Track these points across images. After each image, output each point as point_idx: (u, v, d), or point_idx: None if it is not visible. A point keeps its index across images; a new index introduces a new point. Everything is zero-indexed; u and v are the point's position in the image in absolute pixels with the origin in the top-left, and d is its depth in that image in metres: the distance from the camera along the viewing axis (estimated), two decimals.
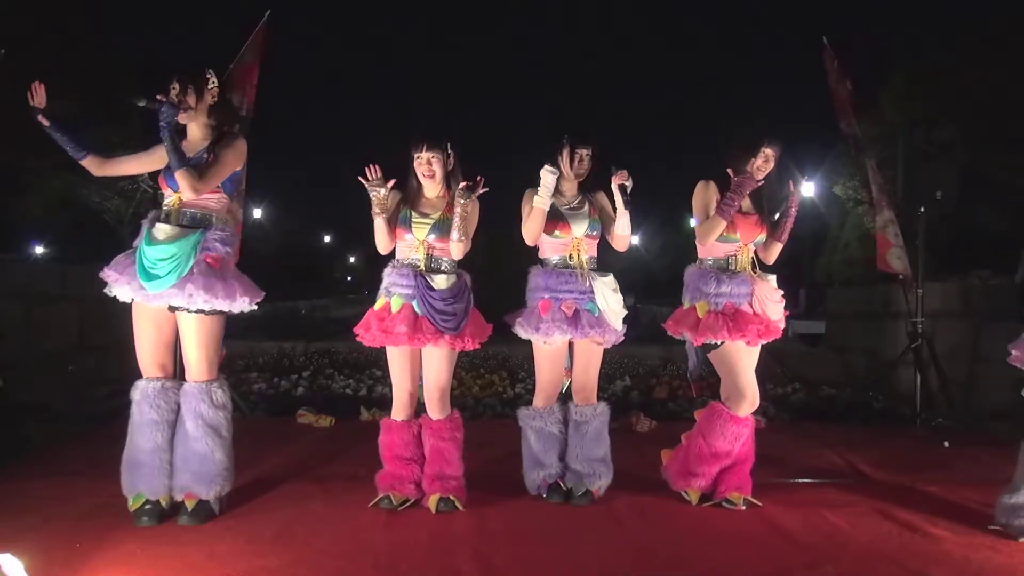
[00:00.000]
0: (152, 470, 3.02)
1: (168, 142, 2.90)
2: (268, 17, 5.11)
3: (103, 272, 3.02)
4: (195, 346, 3.06)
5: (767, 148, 3.27)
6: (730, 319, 3.24)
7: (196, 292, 2.93)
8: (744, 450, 3.34)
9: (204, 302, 2.96)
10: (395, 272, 3.23)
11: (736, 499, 3.27)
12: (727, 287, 3.26)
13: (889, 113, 9.55)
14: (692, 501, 3.34)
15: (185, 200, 3.04)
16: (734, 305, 3.26)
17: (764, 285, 3.29)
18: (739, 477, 3.33)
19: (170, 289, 2.92)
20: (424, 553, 2.75)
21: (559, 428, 3.44)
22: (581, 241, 3.38)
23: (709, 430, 3.31)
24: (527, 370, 6.41)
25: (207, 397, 3.06)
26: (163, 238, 2.97)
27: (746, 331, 3.22)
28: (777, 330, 3.33)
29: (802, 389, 6.21)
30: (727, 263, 3.33)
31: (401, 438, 3.28)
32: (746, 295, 3.27)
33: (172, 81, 3.03)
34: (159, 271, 2.91)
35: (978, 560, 2.76)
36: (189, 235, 3.00)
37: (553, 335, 3.29)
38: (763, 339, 3.30)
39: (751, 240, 3.35)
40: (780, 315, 3.33)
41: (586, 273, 3.35)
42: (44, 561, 2.47)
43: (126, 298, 3.03)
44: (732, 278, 3.28)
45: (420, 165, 3.22)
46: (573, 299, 3.32)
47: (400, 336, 3.11)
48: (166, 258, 2.92)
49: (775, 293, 3.31)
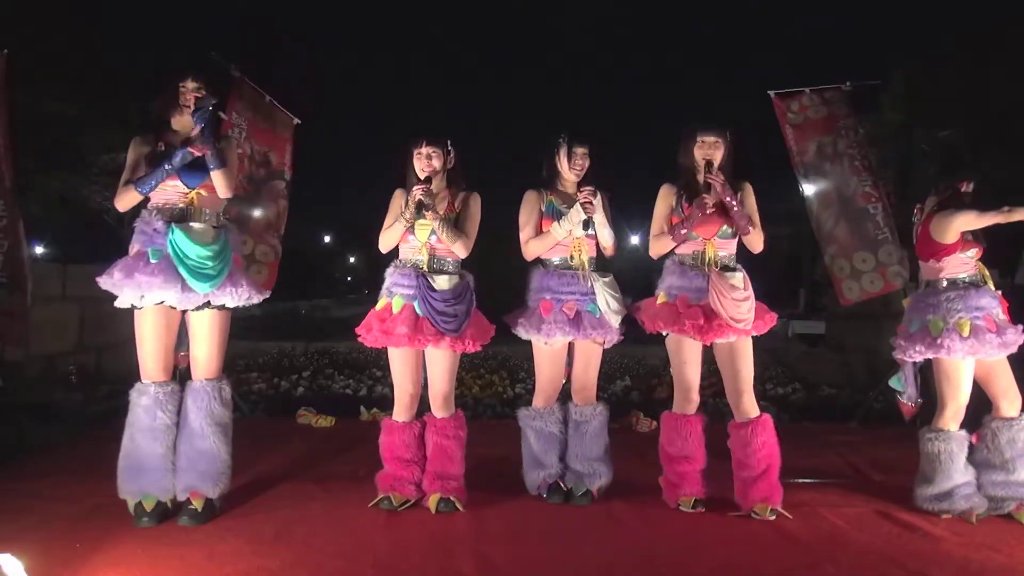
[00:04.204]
0: (162, 473, 3.01)
1: (210, 142, 2.92)
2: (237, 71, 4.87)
3: (113, 283, 2.90)
4: (209, 344, 3.07)
5: (703, 136, 3.26)
6: (676, 312, 3.23)
7: (242, 288, 3.01)
8: (765, 454, 3.22)
9: (247, 297, 3.04)
10: (397, 272, 3.22)
11: (762, 511, 3.15)
12: (681, 281, 3.27)
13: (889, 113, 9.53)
14: (687, 509, 3.28)
15: (203, 198, 3.05)
16: (688, 299, 3.23)
17: (721, 282, 3.16)
18: (766, 487, 3.19)
19: (222, 287, 2.96)
20: (424, 553, 2.75)
21: (559, 428, 3.44)
22: (582, 241, 3.37)
23: (664, 434, 3.40)
24: (527, 370, 6.41)
25: (217, 394, 3.07)
26: (208, 237, 2.97)
27: (683, 325, 3.18)
28: (733, 328, 3.17)
29: (802, 389, 6.21)
30: (694, 258, 3.30)
31: (402, 439, 3.28)
32: (700, 290, 3.20)
33: (187, 79, 3.00)
34: (209, 270, 2.91)
35: (978, 560, 2.76)
36: (221, 233, 3.04)
37: (555, 336, 3.29)
38: (709, 336, 3.18)
39: (712, 234, 3.27)
40: (743, 314, 3.16)
41: (588, 274, 3.35)
42: (44, 561, 2.47)
43: (126, 304, 2.97)
44: (686, 273, 3.27)
45: (420, 161, 3.20)
46: (575, 300, 3.31)
47: (401, 337, 3.11)
48: (213, 256, 2.93)
49: (733, 290, 3.17)
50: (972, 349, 3.19)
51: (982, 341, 3.18)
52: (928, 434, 3.34)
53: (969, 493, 3.25)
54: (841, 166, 5.22)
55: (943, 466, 3.27)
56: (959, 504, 3.23)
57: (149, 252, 2.92)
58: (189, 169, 2.98)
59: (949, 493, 3.25)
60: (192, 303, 2.98)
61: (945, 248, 3.32)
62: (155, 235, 2.95)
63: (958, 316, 3.23)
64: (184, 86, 2.99)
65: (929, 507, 3.28)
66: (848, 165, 5.20)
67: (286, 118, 5.26)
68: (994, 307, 3.28)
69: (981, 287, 3.31)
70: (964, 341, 3.19)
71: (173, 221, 2.97)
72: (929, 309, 3.33)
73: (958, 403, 3.29)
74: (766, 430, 3.26)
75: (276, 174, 5.14)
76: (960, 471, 3.27)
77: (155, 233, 2.95)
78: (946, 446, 3.27)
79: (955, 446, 3.27)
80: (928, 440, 3.32)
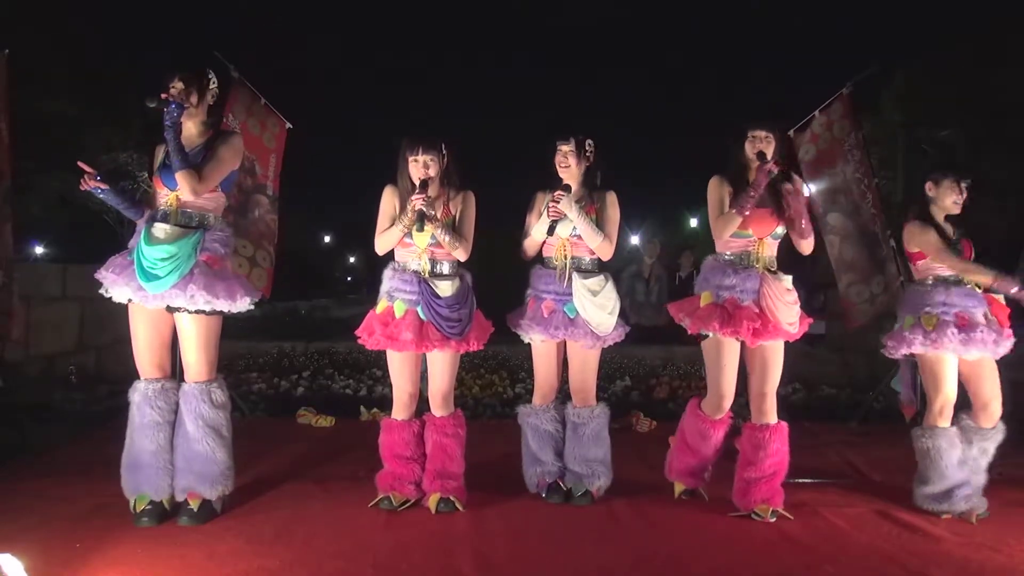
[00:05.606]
0: (155, 471, 3.02)
1: (172, 142, 2.89)
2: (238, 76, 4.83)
3: (99, 273, 2.99)
4: (194, 347, 3.05)
5: (755, 131, 3.25)
6: (727, 312, 3.16)
7: (198, 292, 2.91)
8: (776, 461, 3.23)
9: (205, 303, 2.95)
10: (397, 277, 3.21)
11: (764, 512, 3.15)
12: (731, 280, 3.19)
13: (889, 113, 9.54)
14: (676, 493, 3.42)
15: (183, 199, 3.02)
16: (737, 300, 3.16)
17: (776, 284, 3.16)
18: (769, 489, 3.20)
19: (171, 290, 2.90)
20: (424, 553, 2.75)
21: (555, 427, 3.45)
22: (566, 242, 3.35)
23: (686, 424, 3.42)
24: (527, 370, 6.38)
25: (207, 397, 3.05)
26: (163, 238, 2.94)
27: (739, 327, 3.12)
28: (783, 331, 3.20)
29: (802, 389, 6.20)
30: (741, 258, 3.25)
31: (402, 437, 3.28)
32: (752, 291, 3.16)
33: (175, 79, 2.99)
34: (159, 271, 2.89)
35: (978, 560, 2.76)
36: (189, 235, 2.98)
37: (531, 333, 3.35)
38: (761, 339, 3.16)
39: (766, 234, 3.23)
40: (793, 317, 3.20)
41: (566, 274, 3.34)
42: (44, 561, 2.47)
43: (123, 299, 3.00)
44: (739, 272, 3.20)
45: (416, 168, 3.17)
46: (552, 299, 3.34)
47: (407, 343, 3.11)
48: (166, 258, 2.90)
49: (787, 294, 3.18)
50: (935, 344, 3.24)
51: (943, 336, 3.22)
52: (918, 431, 3.37)
53: (968, 494, 3.26)
54: (852, 194, 5.19)
55: (935, 463, 3.29)
56: (959, 505, 3.23)
57: (132, 250, 2.99)
58: (168, 171, 2.98)
59: (948, 493, 3.26)
60: (153, 303, 2.96)
61: (913, 256, 3.43)
62: (137, 235, 3.01)
63: (925, 310, 3.30)
64: (173, 86, 2.99)
65: (929, 507, 3.29)
66: (857, 190, 5.15)
67: (276, 125, 5.18)
68: (973, 307, 3.28)
69: (966, 286, 3.32)
70: (927, 335, 3.24)
71: (153, 221, 3.00)
72: (906, 307, 3.41)
73: (942, 399, 3.31)
74: (781, 437, 3.26)
75: (260, 187, 5.07)
76: (954, 468, 3.28)
77: (137, 233, 3.02)
78: (934, 442, 3.29)
79: (944, 442, 3.29)
80: (917, 437, 3.36)
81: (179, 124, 2.92)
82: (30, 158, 9.18)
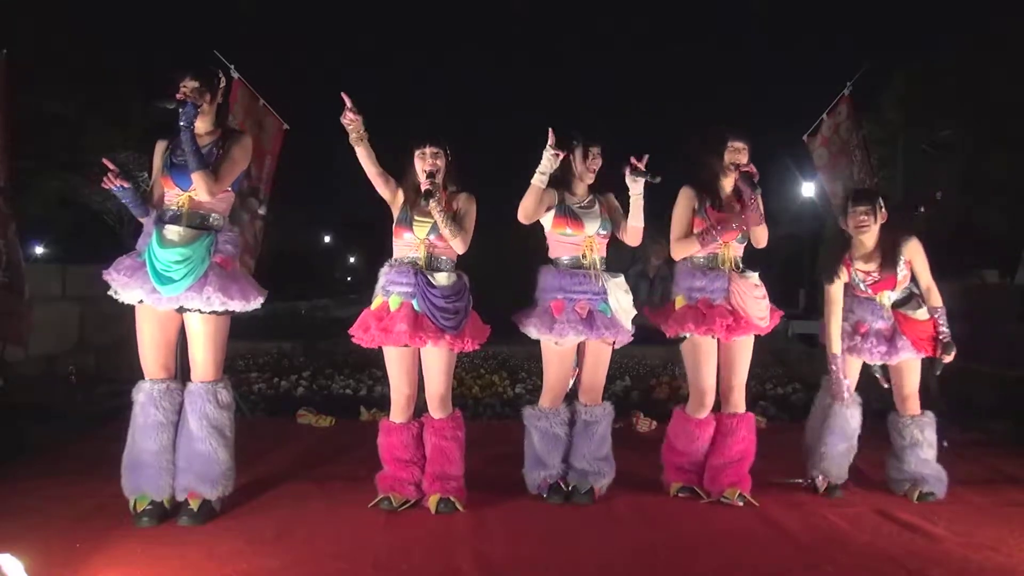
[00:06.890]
0: (157, 471, 3.02)
1: (189, 143, 2.88)
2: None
3: (108, 276, 2.96)
4: (204, 347, 3.05)
5: (734, 141, 3.34)
6: (700, 313, 3.31)
7: (214, 294, 2.92)
8: (742, 447, 3.40)
9: (221, 304, 2.96)
10: (393, 271, 3.20)
11: (731, 495, 3.30)
12: (701, 282, 3.36)
13: (889, 113, 9.54)
14: (673, 493, 3.46)
15: (196, 200, 3.02)
16: (709, 300, 3.33)
17: (743, 281, 3.33)
18: (736, 474, 3.37)
19: (187, 292, 2.91)
20: (424, 553, 2.75)
21: (564, 430, 3.43)
22: (593, 239, 3.37)
23: (672, 427, 3.53)
24: (527, 370, 6.41)
25: (213, 397, 3.05)
26: (176, 240, 2.93)
27: (713, 325, 3.27)
28: (755, 326, 3.35)
29: (802, 389, 6.20)
30: (710, 261, 3.40)
31: (400, 439, 3.27)
32: (722, 291, 3.33)
33: (186, 79, 2.97)
34: (174, 274, 2.88)
35: (978, 560, 2.76)
36: (202, 237, 2.98)
37: (567, 336, 3.27)
38: (735, 334, 3.33)
39: (731, 239, 3.38)
40: (763, 311, 3.35)
41: (599, 273, 3.35)
42: (44, 561, 2.47)
43: (133, 301, 2.99)
44: (707, 274, 3.36)
45: (423, 160, 3.18)
46: (587, 300, 3.30)
47: (401, 335, 3.08)
48: (180, 261, 2.89)
49: (755, 289, 3.34)
50: (852, 350, 3.52)
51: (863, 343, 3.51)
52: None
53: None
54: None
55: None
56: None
57: (141, 251, 2.97)
58: (181, 171, 2.97)
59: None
60: (166, 304, 2.96)
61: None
62: (147, 236, 3.00)
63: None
64: (186, 86, 2.98)
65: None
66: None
67: (273, 127, 5.14)
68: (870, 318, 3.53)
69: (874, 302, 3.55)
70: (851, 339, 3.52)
71: (163, 222, 2.99)
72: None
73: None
74: (749, 426, 3.46)
75: (253, 190, 5.03)
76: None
77: (147, 234, 3.00)
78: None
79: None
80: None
81: (194, 124, 2.92)
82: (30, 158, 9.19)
